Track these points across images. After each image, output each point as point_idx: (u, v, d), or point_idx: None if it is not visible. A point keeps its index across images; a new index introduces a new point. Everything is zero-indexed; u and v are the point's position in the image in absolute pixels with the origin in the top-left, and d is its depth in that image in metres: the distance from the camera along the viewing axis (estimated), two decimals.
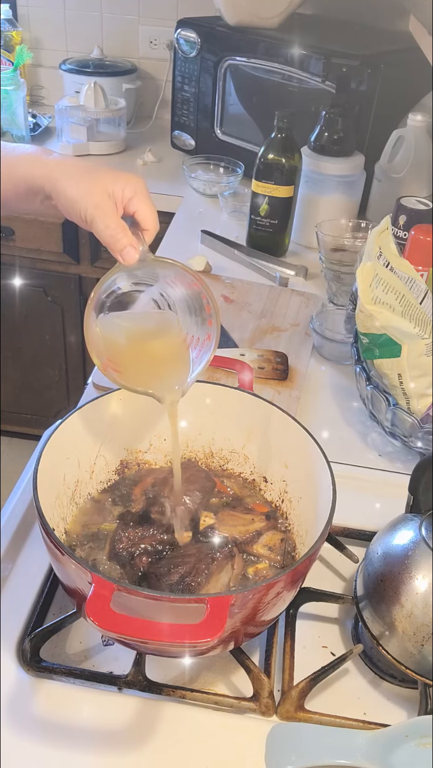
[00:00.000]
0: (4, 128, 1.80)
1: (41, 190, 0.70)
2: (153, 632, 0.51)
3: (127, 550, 0.69)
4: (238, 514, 0.75)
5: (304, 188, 1.42)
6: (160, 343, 0.73)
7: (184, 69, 1.74)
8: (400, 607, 0.64)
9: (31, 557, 0.76)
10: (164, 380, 0.70)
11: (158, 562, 0.68)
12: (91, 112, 1.83)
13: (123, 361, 0.69)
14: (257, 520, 0.74)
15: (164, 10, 2.00)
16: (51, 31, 2.11)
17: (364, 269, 0.91)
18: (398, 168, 1.45)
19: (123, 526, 0.71)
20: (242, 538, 0.72)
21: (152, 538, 0.70)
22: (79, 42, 2.09)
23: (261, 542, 0.72)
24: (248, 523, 0.74)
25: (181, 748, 0.61)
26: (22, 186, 0.71)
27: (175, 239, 1.52)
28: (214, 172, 1.76)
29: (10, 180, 0.72)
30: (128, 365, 0.69)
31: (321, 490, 0.67)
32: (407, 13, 1.39)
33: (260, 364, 1.08)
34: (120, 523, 0.72)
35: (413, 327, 0.86)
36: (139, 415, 0.79)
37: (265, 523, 0.74)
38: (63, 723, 0.62)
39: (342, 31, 1.74)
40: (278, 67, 1.56)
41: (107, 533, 0.72)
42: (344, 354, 1.12)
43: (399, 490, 0.74)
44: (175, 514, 0.72)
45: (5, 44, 1.94)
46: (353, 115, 1.40)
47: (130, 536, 0.70)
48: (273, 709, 0.64)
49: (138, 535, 0.70)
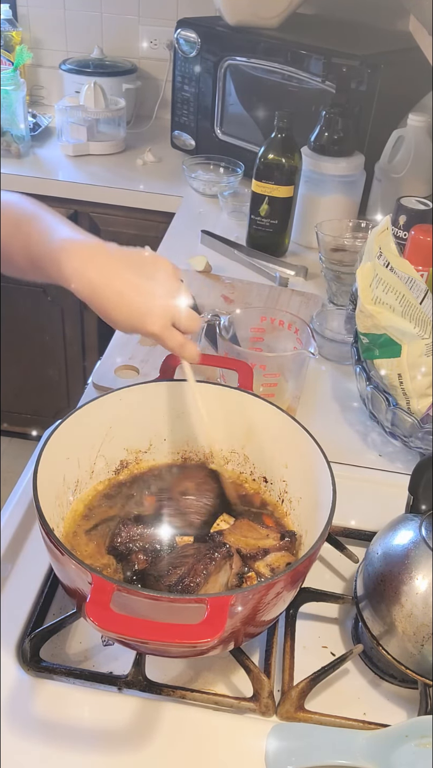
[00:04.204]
0: (4, 128, 1.80)
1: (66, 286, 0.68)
2: (153, 632, 0.51)
3: (125, 545, 0.69)
4: (256, 526, 0.73)
5: (304, 188, 1.42)
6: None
7: (184, 69, 1.74)
8: (400, 607, 0.64)
9: (31, 557, 0.76)
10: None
11: (157, 563, 0.68)
12: (91, 112, 1.84)
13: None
14: (271, 537, 0.72)
15: (164, 10, 2.00)
16: (51, 31, 2.11)
17: (364, 269, 0.92)
18: (398, 168, 1.45)
19: (124, 521, 0.71)
20: (246, 551, 0.69)
21: (151, 537, 0.70)
22: (79, 42, 2.09)
23: (266, 561, 0.69)
24: (261, 537, 0.71)
25: (181, 748, 0.61)
26: (41, 274, 0.71)
27: (175, 239, 1.52)
28: (214, 172, 1.76)
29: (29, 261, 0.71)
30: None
31: (321, 491, 0.67)
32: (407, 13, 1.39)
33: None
34: (122, 519, 0.72)
35: (413, 327, 0.86)
36: (139, 415, 0.79)
37: (278, 543, 0.71)
38: (63, 723, 0.62)
39: (342, 31, 1.74)
40: (278, 67, 1.56)
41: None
42: (344, 354, 1.12)
43: (399, 490, 0.74)
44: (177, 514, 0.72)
45: (5, 44, 1.94)
46: (353, 115, 1.40)
47: (129, 532, 0.70)
48: (273, 709, 0.64)
49: (137, 532, 0.70)
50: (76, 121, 1.84)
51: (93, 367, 1.09)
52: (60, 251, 0.67)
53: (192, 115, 1.79)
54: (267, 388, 0.92)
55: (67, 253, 0.67)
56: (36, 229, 0.71)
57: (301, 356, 0.92)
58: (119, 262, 0.68)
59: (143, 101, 2.11)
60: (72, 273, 0.66)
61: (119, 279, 0.67)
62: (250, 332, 0.99)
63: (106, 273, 0.66)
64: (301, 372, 0.94)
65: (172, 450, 0.83)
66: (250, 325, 0.98)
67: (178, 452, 0.83)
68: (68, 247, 0.67)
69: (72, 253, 0.67)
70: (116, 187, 1.73)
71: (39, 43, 2.13)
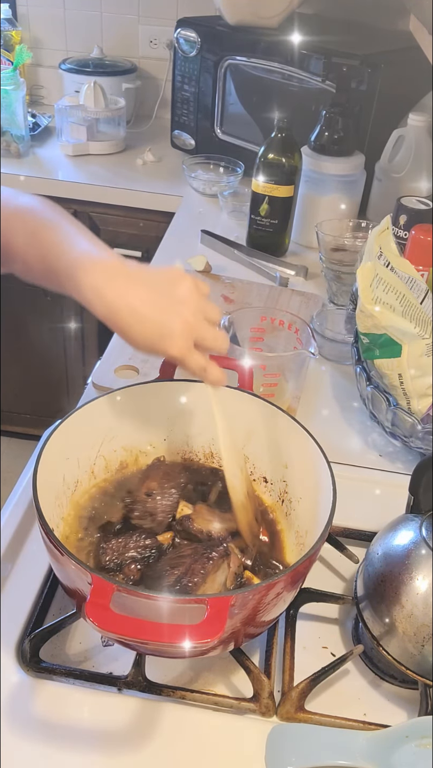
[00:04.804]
0: (3, 128, 1.80)
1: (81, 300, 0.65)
2: (153, 633, 0.51)
3: (114, 561, 0.67)
4: (217, 511, 0.74)
5: (304, 188, 1.42)
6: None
7: (184, 69, 1.74)
8: (400, 608, 0.64)
9: (31, 557, 0.76)
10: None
11: (154, 564, 0.68)
12: (91, 112, 1.83)
13: None
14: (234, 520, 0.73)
15: (164, 10, 2.00)
16: (51, 30, 2.11)
17: (364, 269, 0.91)
18: (398, 168, 1.45)
19: (103, 537, 0.69)
20: (216, 534, 0.71)
21: (136, 545, 0.68)
22: (79, 42, 2.09)
23: (234, 542, 0.70)
24: (225, 521, 0.73)
25: (181, 749, 0.61)
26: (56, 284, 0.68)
27: (175, 239, 1.52)
28: (214, 172, 1.76)
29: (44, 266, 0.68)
30: None
31: (321, 491, 0.67)
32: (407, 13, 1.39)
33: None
34: (100, 535, 0.71)
35: (414, 327, 0.86)
36: (140, 415, 0.79)
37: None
38: (63, 723, 0.62)
39: (342, 31, 1.74)
40: (278, 67, 1.56)
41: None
42: (344, 354, 1.12)
43: (399, 490, 0.74)
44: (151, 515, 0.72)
45: (5, 44, 1.94)
46: (353, 115, 1.40)
47: (113, 547, 0.68)
48: (273, 709, 0.64)
49: (121, 544, 0.68)
50: (76, 120, 1.84)
51: (93, 367, 1.09)
52: (77, 268, 0.64)
53: (192, 115, 1.79)
54: (267, 388, 0.92)
55: (85, 271, 0.64)
56: (54, 240, 0.67)
57: (301, 356, 0.92)
58: (138, 281, 0.65)
59: (143, 101, 2.11)
60: (88, 292, 0.63)
61: (137, 298, 0.63)
62: (250, 332, 0.99)
63: (124, 293, 0.63)
64: (301, 372, 0.94)
65: (172, 450, 0.83)
66: (250, 325, 0.98)
67: (178, 452, 0.83)
68: (86, 264, 0.64)
69: (90, 272, 0.64)
70: (116, 186, 1.73)
71: (39, 43, 2.13)
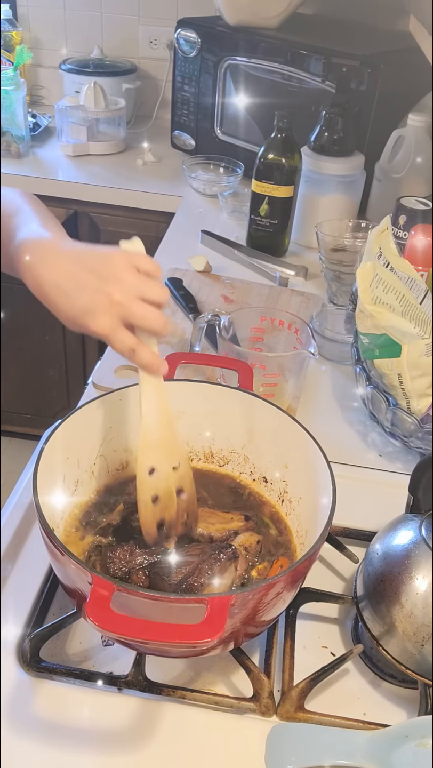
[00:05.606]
0: (4, 128, 1.80)
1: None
2: (153, 632, 0.51)
3: (122, 570, 0.67)
4: (217, 512, 0.75)
5: (304, 188, 1.42)
6: None
7: (184, 69, 1.74)
8: (400, 608, 0.64)
9: (31, 557, 0.76)
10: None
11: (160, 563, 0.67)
12: (91, 112, 1.84)
13: None
14: (235, 519, 0.74)
15: (164, 10, 2.00)
16: (51, 31, 2.11)
17: (364, 269, 0.92)
18: (398, 168, 1.45)
19: (111, 546, 0.69)
20: (219, 535, 0.71)
21: (143, 551, 0.68)
22: (79, 42, 2.09)
23: (237, 542, 0.70)
24: (226, 521, 0.73)
25: (181, 749, 0.61)
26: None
27: (175, 239, 1.52)
28: (215, 172, 1.76)
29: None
30: None
31: (321, 491, 0.67)
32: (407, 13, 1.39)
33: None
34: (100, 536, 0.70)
35: (413, 327, 0.86)
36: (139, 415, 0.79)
37: (243, 524, 0.73)
38: (63, 723, 0.62)
39: (342, 31, 1.74)
40: (278, 67, 1.56)
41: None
42: (344, 354, 1.12)
43: (399, 490, 0.74)
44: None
45: (5, 44, 1.94)
46: (353, 115, 1.40)
47: (120, 555, 0.67)
48: (273, 709, 0.64)
49: (127, 552, 0.68)
50: (76, 121, 1.84)
51: (93, 367, 1.09)
52: (20, 248, 0.67)
53: (192, 115, 1.79)
54: (267, 388, 0.92)
55: (24, 249, 0.66)
56: (13, 226, 0.71)
57: (301, 356, 0.92)
58: (68, 257, 0.66)
59: (143, 101, 2.11)
60: (24, 268, 0.66)
61: (61, 274, 0.64)
62: (250, 332, 0.99)
63: (51, 268, 0.65)
64: (301, 372, 0.94)
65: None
66: (250, 325, 0.98)
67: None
68: (27, 243, 0.67)
69: (27, 249, 0.66)
70: (116, 187, 1.73)
71: (39, 43, 2.13)
